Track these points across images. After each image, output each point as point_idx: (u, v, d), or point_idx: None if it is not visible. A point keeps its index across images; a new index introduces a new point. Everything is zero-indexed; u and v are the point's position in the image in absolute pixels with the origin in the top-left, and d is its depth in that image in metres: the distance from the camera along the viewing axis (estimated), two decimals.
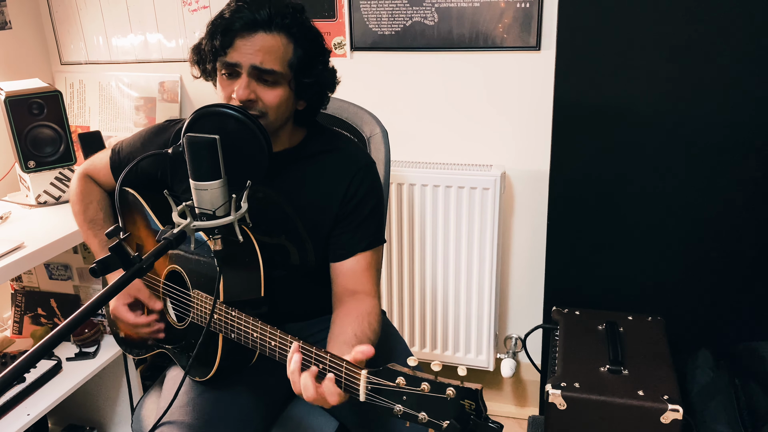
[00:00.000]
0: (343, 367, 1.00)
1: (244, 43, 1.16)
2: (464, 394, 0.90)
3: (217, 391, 1.27)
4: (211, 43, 1.20)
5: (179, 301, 1.30)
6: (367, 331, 1.19)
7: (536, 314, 2.13)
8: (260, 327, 1.12)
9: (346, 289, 1.31)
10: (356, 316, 1.22)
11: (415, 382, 0.92)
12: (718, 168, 1.70)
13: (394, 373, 0.94)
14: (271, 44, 1.17)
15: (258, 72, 1.18)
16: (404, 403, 0.93)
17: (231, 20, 1.17)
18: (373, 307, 1.26)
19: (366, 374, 0.97)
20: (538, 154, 1.98)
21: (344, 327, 1.20)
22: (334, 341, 1.18)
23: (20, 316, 2.09)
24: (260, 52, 1.16)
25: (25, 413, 1.69)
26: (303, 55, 1.21)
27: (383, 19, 1.99)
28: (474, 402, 0.89)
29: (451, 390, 0.90)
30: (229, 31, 1.17)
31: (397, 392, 0.94)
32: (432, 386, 0.91)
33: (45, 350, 0.83)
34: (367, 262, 1.32)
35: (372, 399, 0.96)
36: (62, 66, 2.37)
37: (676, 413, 1.43)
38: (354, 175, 1.31)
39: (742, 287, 1.76)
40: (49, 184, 1.94)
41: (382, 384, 0.95)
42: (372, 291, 1.31)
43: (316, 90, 1.27)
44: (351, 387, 0.99)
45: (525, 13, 1.86)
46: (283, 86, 1.21)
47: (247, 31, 1.16)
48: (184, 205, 1.04)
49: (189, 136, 1.01)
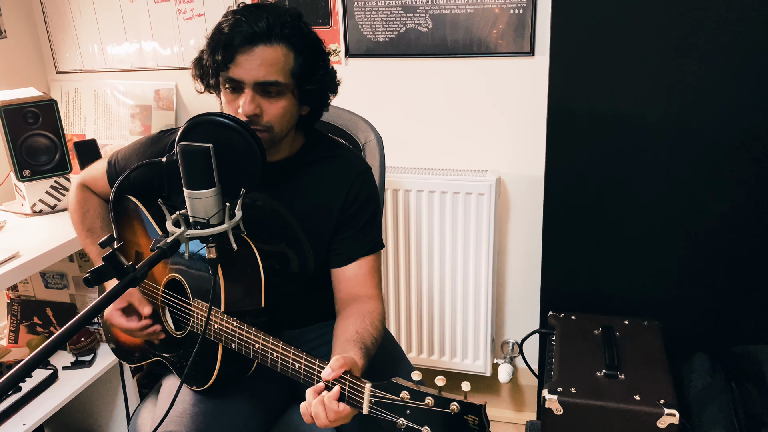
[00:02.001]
0: (347, 380, 1.00)
1: (246, 57, 1.16)
2: (468, 410, 0.90)
3: (215, 400, 1.27)
4: (213, 59, 1.20)
5: (179, 310, 1.30)
6: (369, 328, 1.21)
7: (533, 319, 2.13)
8: (262, 338, 1.12)
9: (350, 294, 1.32)
10: (358, 315, 1.23)
11: (419, 397, 0.92)
12: (713, 172, 1.70)
13: (398, 387, 0.94)
14: (272, 56, 1.17)
15: (262, 86, 1.18)
16: (408, 417, 0.93)
17: (231, 36, 1.16)
18: (376, 307, 1.28)
19: (370, 387, 0.97)
20: (533, 159, 1.99)
21: (347, 326, 1.21)
22: (337, 340, 1.19)
23: (16, 325, 2.09)
24: (262, 66, 1.17)
25: (21, 423, 1.68)
26: (304, 62, 1.21)
27: (378, 26, 1.99)
28: (477, 417, 0.90)
29: (455, 405, 0.90)
30: (229, 47, 1.17)
31: (400, 406, 0.94)
32: (436, 401, 0.91)
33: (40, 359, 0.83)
34: (369, 267, 1.33)
35: (375, 412, 0.96)
36: (57, 74, 2.38)
37: (672, 417, 1.43)
38: (353, 181, 1.32)
39: (738, 291, 1.77)
40: (45, 193, 1.94)
41: (385, 398, 0.95)
42: (375, 294, 1.32)
43: (319, 94, 1.28)
44: (355, 400, 0.99)
45: (519, 19, 1.87)
46: (287, 96, 1.22)
47: (247, 45, 1.16)
48: (178, 214, 1.04)
49: (182, 145, 1.01)
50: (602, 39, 1.68)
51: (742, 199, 1.70)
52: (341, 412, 1.00)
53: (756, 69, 1.60)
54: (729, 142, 1.67)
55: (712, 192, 1.71)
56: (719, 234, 1.74)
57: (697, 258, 1.77)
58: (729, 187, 1.70)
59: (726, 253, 1.75)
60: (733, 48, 1.60)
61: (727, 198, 1.71)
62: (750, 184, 1.68)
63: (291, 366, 1.09)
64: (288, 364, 1.10)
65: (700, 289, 1.80)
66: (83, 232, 1.46)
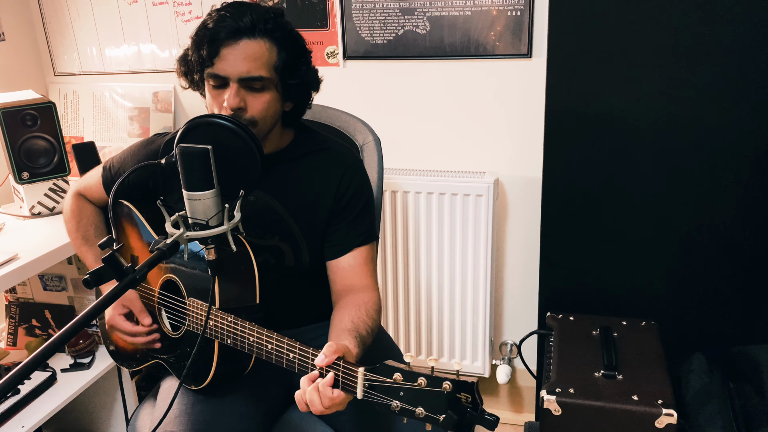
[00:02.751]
0: (340, 366, 1.00)
1: (230, 51, 1.19)
2: (460, 388, 0.91)
3: (213, 400, 1.27)
4: (198, 54, 1.22)
5: (175, 310, 1.30)
6: (365, 317, 1.22)
7: (531, 320, 2.13)
8: (257, 330, 1.13)
9: (345, 285, 1.33)
10: (354, 306, 1.24)
11: (412, 377, 0.93)
12: (710, 174, 1.71)
13: (391, 369, 0.95)
14: (256, 50, 1.20)
15: (246, 81, 1.20)
16: (401, 399, 0.94)
17: (215, 30, 1.19)
18: (371, 298, 1.29)
19: (363, 371, 0.98)
20: (531, 160, 1.99)
21: (342, 316, 1.22)
22: (333, 330, 1.20)
23: (14, 327, 2.08)
24: (246, 60, 1.19)
25: (19, 425, 1.68)
26: (287, 58, 1.24)
27: (375, 28, 2.00)
28: (470, 395, 0.90)
29: (447, 384, 0.91)
30: (214, 41, 1.19)
31: (394, 388, 0.94)
32: (428, 381, 0.92)
33: (39, 361, 0.82)
34: (363, 257, 1.34)
35: (370, 396, 0.97)
36: (56, 77, 2.38)
37: (670, 417, 1.43)
38: (343, 172, 1.34)
39: (735, 292, 1.77)
40: (43, 195, 1.94)
41: (379, 380, 0.96)
42: (371, 284, 1.33)
43: (301, 90, 1.30)
44: (348, 385, 0.99)
45: (516, 21, 1.87)
46: (271, 90, 1.24)
47: (232, 39, 1.19)
48: (177, 216, 1.04)
49: (181, 146, 1.01)
50: (599, 41, 1.69)
51: (740, 200, 1.70)
52: (336, 398, 1.01)
53: (753, 72, 1.61)
54: (726, 143, 1.67)
55: (709, 193, 1.72)
56: (716, 235, 1.75)
57: (694, 259, 1.78)
58: (726, 188, 1.71)
59: (723, 254, 1.76)
60: (730, 49, 1.61)
61: (724, 199, 1.71)
62: (747, 185, 1.69)
63: (285, 356, 1.10)
64: (282, 355, 1.10)
65: (697, 290, 1.80)
66: (78, 240, 1.46)
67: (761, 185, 1.68)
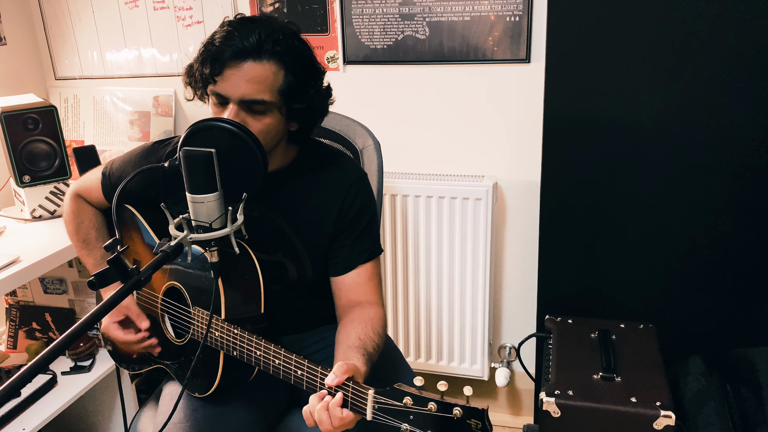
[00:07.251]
0: (350, 387, 1.01)
1: (233, 72, 1.15)
2: (471, 414, 0.91)
3: (215, 406, 1.27)
4: (202, 69, 1.19)
5: (179, 318, 1.30)
6: (371, 333, 1.21)
7: (530, 323, 2.14)
8: (264, 346, 1.13)
9: (350, 301, 1.32)
10: (360, 321, 1.23)
11: (422, 402, 0.93)
12: (708, 177, 1.72)
13: (401, 393, 0.95)
14: (260, 73, 1.15)
15: (247, 103, 1.17)
16: (411, 423, 0.94)
17: (221, 49, 1.15)
18: (377, 313, 1.28)
19: (373, 394, 0.98)
20: (530, 164, 2.00)
21: (348, 332, 1.21)
22: (339, 347, 1.19)
23: (15, 330, 2.09)
24: (249, 83, 1.15)
25: (20, 428, 1.68)
26: (293, 81, 1.19)
27: (375, 33, 2.01)
28: (480, 421, 0.91)
29: (457, 410, 0.91)
30: (217, 60, 1.15)
31: (404, 412, 0.94)
32: (439, 406, 0.92)
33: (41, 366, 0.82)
34: (368, 274, 1.33)
35: (379, 418, 0.97)
36: (57, 81, 2.39)
37: (668, 419, 1.44)
38: (348, 189, 1.32)
39: (733, 294, 1.78)
40: (44, 199, 1.95)
41: (389, 404, 0.96)
42: (376, 300, 1.32)
43: (307, 113, 1.26)
44: (358, 406, 1.00)
45: (515, 26, 1.89)
46: (273, 113, 1.20)
47: (235, 60, 1.14)
48: (181, 218, 1.05)
49: (185, 149, 1.02)
50: (597, 46, 1.70)
51: (738, 203, 1.71)
52: (345, 419, 1.01)
53: (751, 74, 1.62)
54: (724, 146, 1.68)
55: (707, 197, 1.73)
56: (714, 238, 1.76)
57: (693, 262, 1.79)
58: (724, 192, 1.72)
59: (721, 258, 1.77)
60: (727, 53, 1.62)
61: (723, 202, 1.72)
62: (746, 187, 1.70)
63: (293, 373, 1.10)
64: (290, 372, 1.10)
65: (695, 293, 1.81)
66: (79, 243, 1.46)
67: (761, 187, 1.68)
